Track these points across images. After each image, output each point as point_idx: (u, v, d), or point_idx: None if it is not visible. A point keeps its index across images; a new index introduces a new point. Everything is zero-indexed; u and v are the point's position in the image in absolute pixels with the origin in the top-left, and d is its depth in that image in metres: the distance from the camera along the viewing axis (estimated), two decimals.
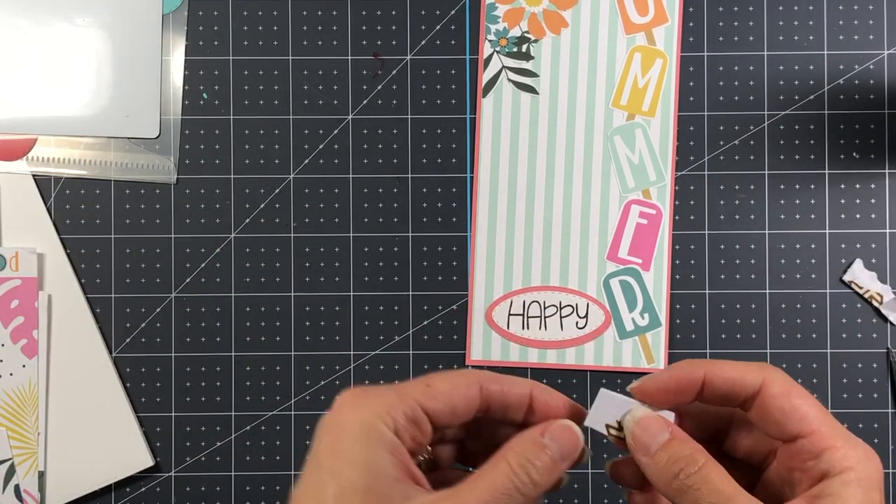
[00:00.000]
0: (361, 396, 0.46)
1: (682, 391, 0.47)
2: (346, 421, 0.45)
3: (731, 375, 0.46)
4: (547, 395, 0.49)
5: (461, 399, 0.47)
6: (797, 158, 0.71)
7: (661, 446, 0.46)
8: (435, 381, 0.47)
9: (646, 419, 0.47)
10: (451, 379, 0.48)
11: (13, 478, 0.70)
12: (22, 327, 0.70)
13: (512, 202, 0.71)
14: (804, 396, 0.46)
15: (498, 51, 0.72)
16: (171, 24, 0.72)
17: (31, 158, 0.71)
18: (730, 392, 0.47)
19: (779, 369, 0.46)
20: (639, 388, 0.48)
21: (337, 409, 0.46)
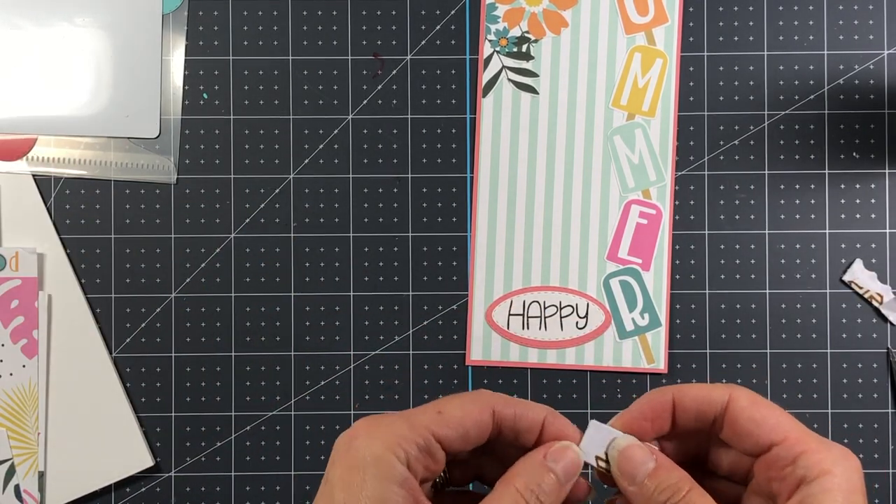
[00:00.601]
0: (374, 427, 0.46)
1: (656, 418, 0.48)
2: (360, 453, 0.46)
3: (698, 394, 0.47)
4: (560, 424, 0.48)
5: (474, 425, 0.47)
6: (797, 158, 0.71)
7: (647, 475, 0.46)
8: (447, 407, 0.47)
9: (630, 448, 0.47)
10: (463, 405, 0.47)
11: (13, 478, 0.70)
12: (22, 327, 0.70)
13: (512, 202, 0.71)
14: (772, 407, 0.46)
15: (498, 51, 0.72)
16: (171, 24, 0.72)
17: (31, 158, 0.71)
18: (699, 411, 0.47)
19: (744, 387, 0.47)
20: (618, 422, 0.48)
21: (350, 440, 0.46)
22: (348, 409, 0.72)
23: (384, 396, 0.72)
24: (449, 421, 0.47)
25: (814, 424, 0.71)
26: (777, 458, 0.45)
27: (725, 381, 0.71)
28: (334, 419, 0.71)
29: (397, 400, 0.71)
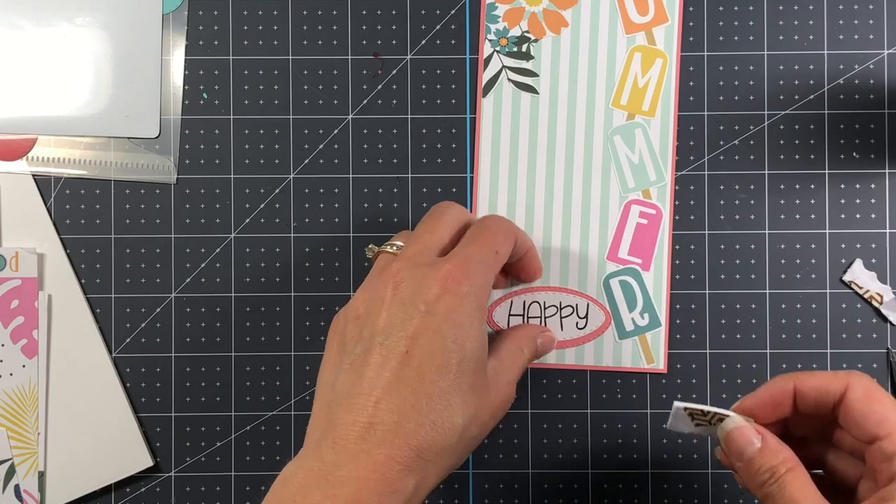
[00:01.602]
0: (466, 269, 0.57)
1: (777, 404, 0.54)
2: (464, 295, 0.56)
3: (818, 383, 0.53)
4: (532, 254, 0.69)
5: (511, 241, 0.62)
6: (797, 158, 0.71)
7: (753, 454, 0.52)
8: (498, 244, 0.61)
9: (738, 429, 0.53)
10: (497, 225, 0.62)
11: (13, 478, 0.70)
12: (22, 327, 0.70)
13: (512, 202, 0.71)
14: (884, 401, 0.50)
15: (498, 50, 0.72)
16: (171, 24, 0.72)
17: (31, 158, 0.71)
18: (818, 400, 0.53)
19: (865, 375, 0.53)
20: (740, 407, 0.55)
21: (448, 276, 0.56)
22: None
23: None
24: (504, 254, 0.62)
25: None
26: (879, 451, 0.50)
27: (726, 381, 0.71)
28: None
29: None
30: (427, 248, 0.59)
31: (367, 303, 0.57)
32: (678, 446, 0.71)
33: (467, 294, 0.56)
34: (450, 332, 0.54)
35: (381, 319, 0.55)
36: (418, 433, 0.52)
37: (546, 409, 0.71)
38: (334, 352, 0.58)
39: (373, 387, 0.53)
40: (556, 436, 0.71)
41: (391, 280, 0.56)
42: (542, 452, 0.71)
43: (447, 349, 0.54)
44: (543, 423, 0.71)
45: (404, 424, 0.52)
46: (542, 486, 0.72)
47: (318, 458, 0.52)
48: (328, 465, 0.51)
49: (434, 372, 0.53)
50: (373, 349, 0.54)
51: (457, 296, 0.55)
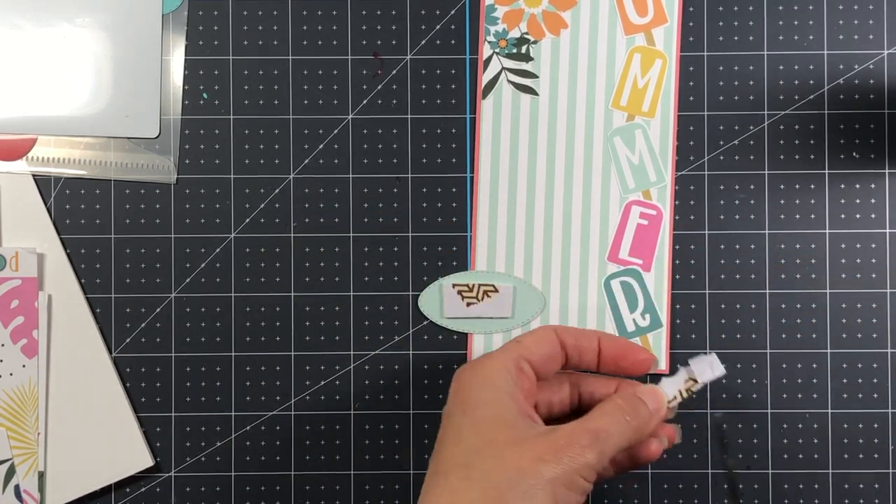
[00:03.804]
0: (473, 362, 0.58)
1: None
2: (468, 380, 0.57)
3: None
4: (612, 342, 0.62)
5: (549, 346, 0.59)
6: (797, 158, 0.71)
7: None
8: (522, 338, 0.60)
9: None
10: (533, 334, 0.60)
11: (13, 478, 0.70)
12: (22, 327, 0.70)
13: (512, 203, 0.71)
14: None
15: (497, 52, 0.72)
16: (171, 24, 0.72)
17: (31, 158, 0.71)
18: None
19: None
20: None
21: (456, 378, 0.58)
22: (348, 409, 0.71)
23: (384, 396, 0.72)
24: (529, 346, 0.59)
25: (814, 425, 0.71)
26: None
27: (726, 381, 0.71)
28: (334, 419, 0.71)
29: (397, 400, 0.71)
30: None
31: None
32: (678, 447, 0.71)
33: (468, 378, 0.58)
34: (457, 411, 0.57)
35: None
36: None
37: None
38: None
39: None
40: None
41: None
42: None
43: (458, 425, 0.56)
44: None
45: None
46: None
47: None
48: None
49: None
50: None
51: (460, 384, 0.58)
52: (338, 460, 0.72)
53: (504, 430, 0.53)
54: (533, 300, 0.71)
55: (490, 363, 0.57)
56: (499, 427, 0.54)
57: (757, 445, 0.71)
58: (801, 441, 0.71)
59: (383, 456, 0.71)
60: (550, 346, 0.60)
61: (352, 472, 0.72)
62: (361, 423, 0.72)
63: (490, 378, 0.56)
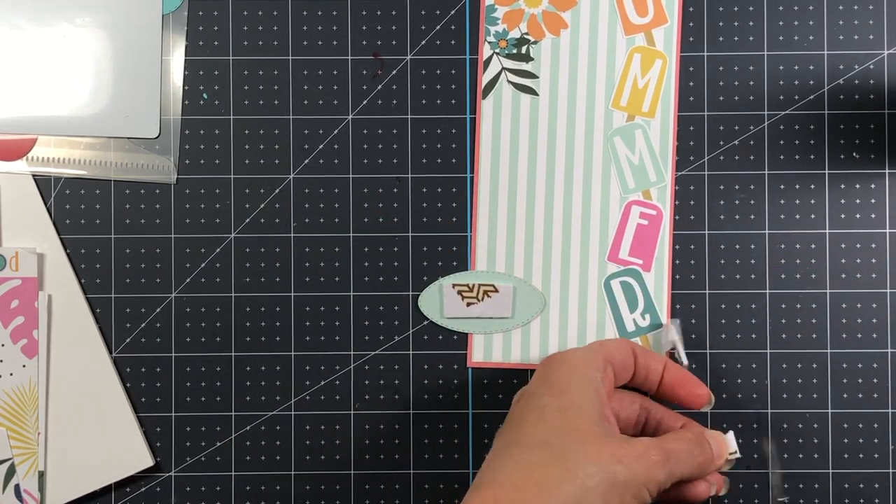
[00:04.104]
0: (566, 352, 0.60)
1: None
2: (558, 363, 0.59)
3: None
4: (677, 370, 0.64)
5: (626, 356, 0.61)
6: (797, 158, 0.71)
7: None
8: (605, 342, 0.62)
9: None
10: (614, 341, 0.63)
11: (13, 478, 0.70)
12: (22, 327, 0.70)
13: (512, 203, 0.71)
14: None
15: (497, 52, 0.72)
16: (171, 24, 0.72)
17: (31, 158, 0.71)
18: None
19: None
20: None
21: (545, 362, 0.60)
22: (348, 409, 0.71)
23: (384, 396, 0.72)
24: (612, 351, 0.61)
25: (814, 424, 0.71)
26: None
27: (726, 381, 0.71)
28: (334, 419, 0.71)
29: (397, 400, 0.71)
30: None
31: None
32: None
33: (559, 365, 0.60)
34: (543, 392, 0.58)
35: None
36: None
37: None
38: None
39: None
40: None
41: None
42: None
43: (542, 406, 0.57)
44: None
45: None
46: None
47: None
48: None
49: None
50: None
51: (549, 369, 0.60)
52: (338, 460, 0.71)
53: (587, 421, 0.55)
54: (533, 300, 0.71)
55: (581, 354, 0.59)
56: (583, 416, 0.55)
57: (757, 445, 0.71)
58: (801, 441, 0.71)
59: (383, 456, 0.71)
60: (626, 355, 0.62)
61: (352, 472, 0.71)
62: (361, 423, 0.72)
63: (580, 368, 0.58)
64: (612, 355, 0.61)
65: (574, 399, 0.56)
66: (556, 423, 0.55)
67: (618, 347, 0.62)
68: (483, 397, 0.72)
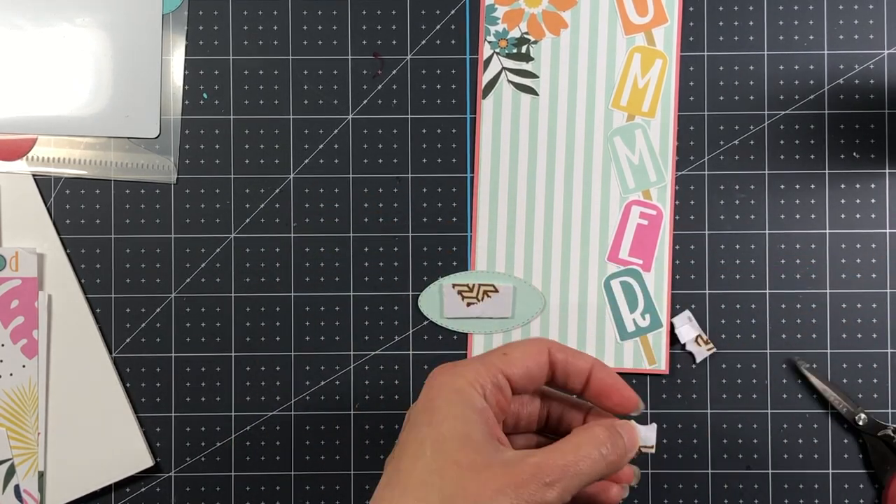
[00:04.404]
0: (453, 367, 0.54)
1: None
2: (440, 387, 0.53)
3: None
4: (605, 373, 0.56)
5: (534, 364, 0.55)
6: (797, 158, 0.71)
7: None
8: (511, 350, 0.55)
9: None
10: (524, 347, 0.55)
11: (13, 478, 0.70)
12: (22, 327, 0.70)
13: (512, 203, 0.71)
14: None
15: (497, 52, 0.72)
16: (171, 24, 0.72)
17: (31, 158, 0.71)
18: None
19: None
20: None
21: (430, 381, 0.53)
22: (348, 409, 0.71)
23: (384, 396, 0.72)
24: (514, 361, 0.54)
25: (814, 425, 0.71)
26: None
27: (726, 381, 0.71)
28: (334, 419, 0.71)
29: (397, 400, 0.71)
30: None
31: None
32: (678, 446, 0.71)
33: (442, 384, 0.54)
34: (423, 419, 0.53)
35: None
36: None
37: None
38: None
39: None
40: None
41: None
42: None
43: (421, 436, 0.52)
44: None
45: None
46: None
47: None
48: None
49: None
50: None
51: (431, 388, 0.54)
52: (338, 460, 0.71)
53: (468, 453, 0.50)
54: (533, 300, 0.71)
55: (467, 373, 0.53)
56: (463, 448, 0.50)
57: (757, 445, 0.71)
58: (800, 441, 0.71)
59: (383, 456, 0.71)
60: (536, 362, 0.55)
61: (352, 472, 0.72)
62: (361, 423, 0.72)
63: (463, 391, 0.52)
64: (512, 366, 0.54)
65: (454, 429, 0.51)
66: (434, 459, 0.50)
67: (523, 356, 0.55)
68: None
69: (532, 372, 0.55)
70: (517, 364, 0.54)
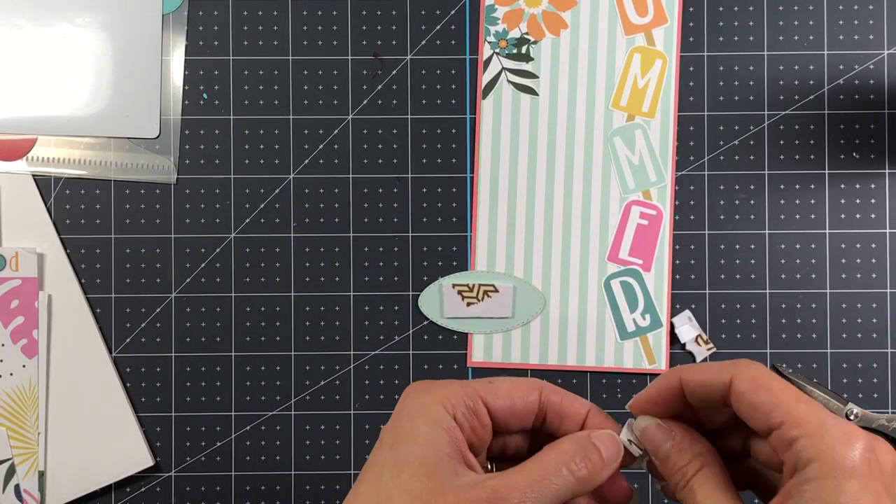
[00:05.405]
0: (426, 385, 0.51)
1: (667, 401, 0.49)
2: (409, 404, 0.50)
3: (701, 378, 0.48)
4: (603, 418, 0.51)
5: (520, 399, 0.51)
6: (797, 158, 0.71)
7: (669, 451, 0.49)
8: (497, 380, 0.51)
9: (648, 429, 0.50)
10: (513, 381, 0.51)
11: (13, 478, 0.70)
12: (22, 327, 0.70)
13: (512, 203, 0.71)
14: (772, 388, 0.46)
15: (497, 52, 0.72)
16: (171, 24, 0.72)
17: (31, 158, 0.71)
18: (705, 394, 0.48)
19: (751, 363, 0.48)
20: (633, 405, 0.50)
21: (402, 398, 0.51)
22: (348, 409, 0.72)
23: (384, 396, 0.72)
24: (498, 390, 0.50)
25: None
26: (779, 440, 0.45)
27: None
28: (334, 419, 0.71)
29: (397, 400, 0.71)
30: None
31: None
32: None
33: (412, 401, 0.51)
34: (387, 441, 0.50)
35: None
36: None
37: None
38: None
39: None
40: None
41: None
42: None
43: (382, 459, 0.50)
44: None
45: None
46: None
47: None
48: None
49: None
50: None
51: (403, 404, 0.51)
52: (338, 460, 0.72)
53: (422, 479, 0.48)
54: (533, 300, 0.71)
55: (440, 391, 0.50)
56: (417, 474, 0.48)
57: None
58: None
59: None
60: (524, 399, 0.51)
61: (352, 471, 0.72)
62: (361, 423, 0.72)
63: (430, 408, 0.50)
64: (494, 395, 0.51)
65: (413, 451, 0.49)
66: (388, 485, 0.48)
67: (509, 391, 0.51)
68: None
69: (517, 407, 0.51)
70: (501, 394, 0.51)
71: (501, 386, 0.51)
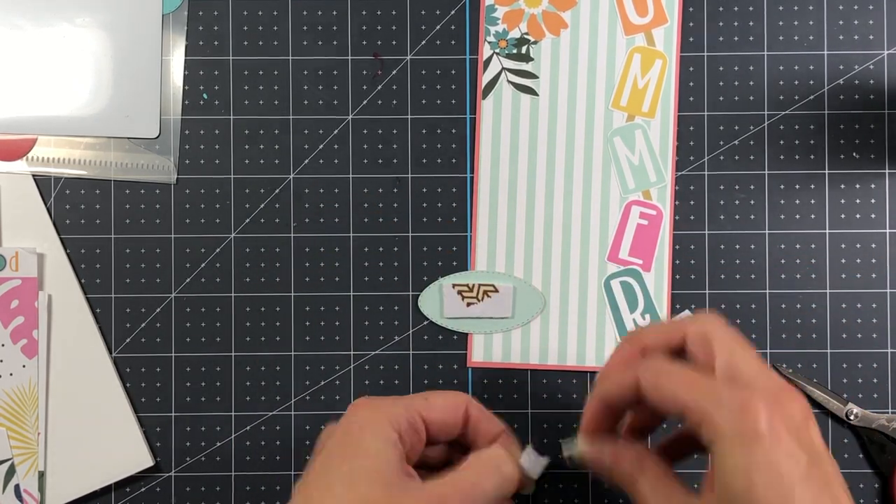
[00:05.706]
0: (374, 402, 0.57)
1: (604, 415, 0.56)
2: (360, 419, 0.56)
3: (613, 390, 0.54)
4: (508, 442, 0.59)
5: (452, 415, 0.58)
6: (797, 158, 0.71)
7: (609, 467, 0.56)
8: (432, 397, 0.58)
9: (585, 454, 0.57)
10: (444, 397, 0.58)
11: (13, 478, 0.70)
12: (22, 327, 0.70)
13: (512, 203, 0.71)
14: (666, 383, 0.51)
15: (497, 52, 0.72)
16: (171, 24, 0.72)
17: (31, 158, 0.71)
18: (623, 402, 0.55)
19: (652, 360, 0.53)
20: (582, 429, 0.57)
21: (352, 411, 0.57)
22: None
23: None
24: (434, 407, 0.57)
25: None
26: (691, 427, 0.49)
27: None
28: (334, 419, 0.71)
29: None
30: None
31: None
32: None
33: (362, 416, 0.57)
34: (336, 451, 0.55)
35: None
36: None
37: (546, 409, 0.71)
38: None
39: None
40: (556, 435, 0.71)
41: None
42: (543, 452, 0.71)
43: (331, 467, 0.55)
44: (544, 422, 0.71)
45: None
46: (542, 485, 0.71)
47: None
48: None
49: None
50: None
51: (351, 418, 0.57)
52: None
53: (376, 488, 0.52)
54: (533, 300, 0.71)
55: (387, 409, 0.56)
56: (372, 484, 0.52)
57: None
58: None
59: None
60: (454, 415, 0.59)
61: None
62: None
63: (380, 425, 0.55)
64: (431, 411, 0.57)
65: (366, 464, 0.53)
66: (344, 494, 0.52)
67: (443, 407, 0.58)
68: (483, 397, 0.72)
69: (448, 423, 0.58)
70: (437, 410, 0.57)
71: (437, 402, 0.58)
